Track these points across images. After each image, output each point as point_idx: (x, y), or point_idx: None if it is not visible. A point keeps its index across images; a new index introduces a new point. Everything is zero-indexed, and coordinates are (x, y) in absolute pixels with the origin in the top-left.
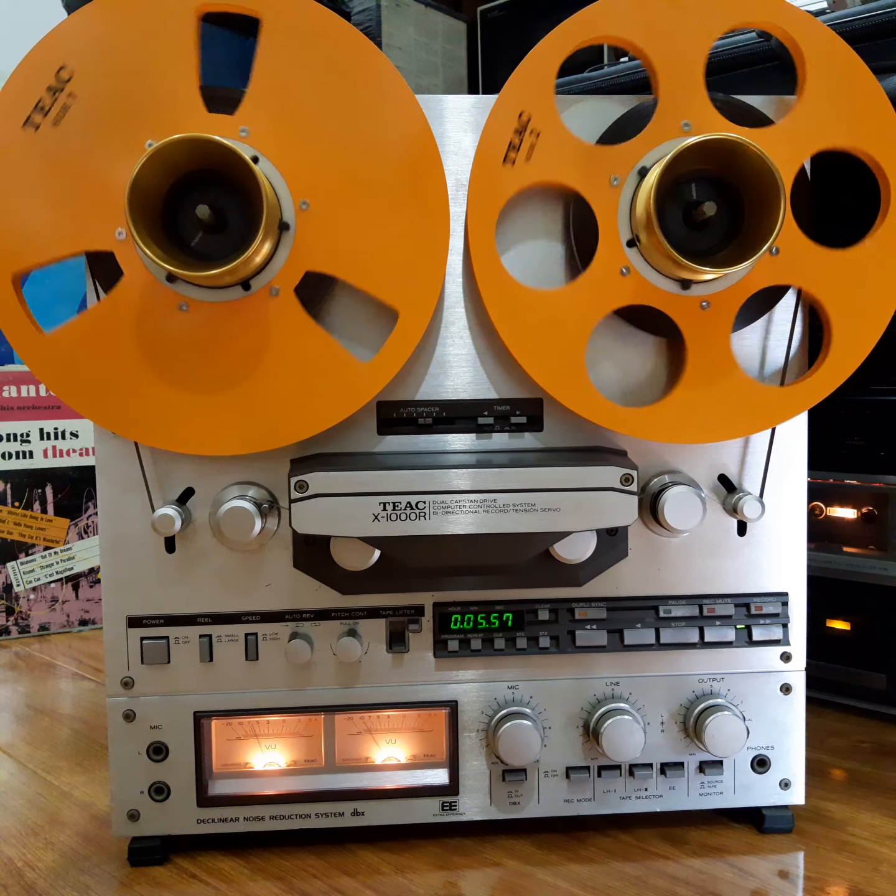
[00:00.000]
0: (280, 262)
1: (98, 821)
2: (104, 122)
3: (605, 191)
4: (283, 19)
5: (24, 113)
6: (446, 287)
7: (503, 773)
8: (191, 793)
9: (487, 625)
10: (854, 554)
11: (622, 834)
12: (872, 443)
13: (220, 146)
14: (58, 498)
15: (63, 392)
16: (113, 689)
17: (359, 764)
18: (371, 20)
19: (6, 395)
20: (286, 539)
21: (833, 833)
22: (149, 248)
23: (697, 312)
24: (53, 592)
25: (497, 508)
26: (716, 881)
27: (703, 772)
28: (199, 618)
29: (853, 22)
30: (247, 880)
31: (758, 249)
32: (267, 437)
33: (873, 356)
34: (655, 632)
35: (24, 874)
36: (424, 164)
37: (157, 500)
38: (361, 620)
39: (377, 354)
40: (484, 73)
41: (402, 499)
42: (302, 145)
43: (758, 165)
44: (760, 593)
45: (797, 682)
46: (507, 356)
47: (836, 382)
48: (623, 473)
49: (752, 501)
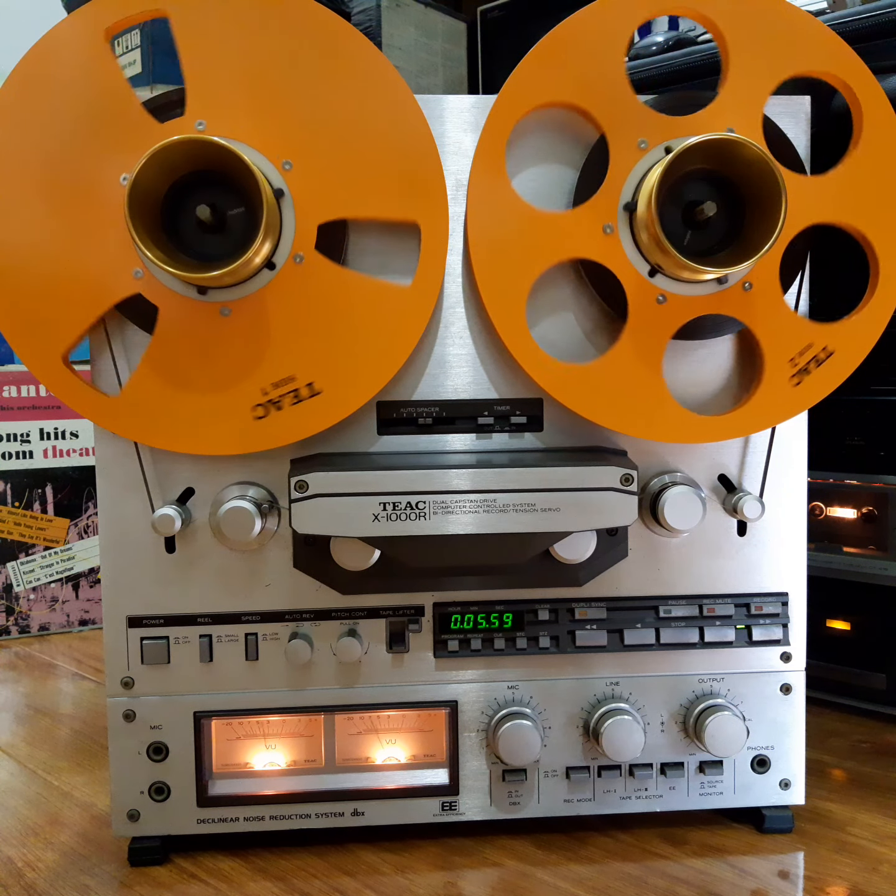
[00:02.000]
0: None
1: (98, 821)
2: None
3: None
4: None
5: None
6: (446, 287)
7: (503, 773)
8: (191, 793)
9: (487, 625)
10: (854, 554)
11: (622, 834)
12: (872, 443)
13: (217, 147)
14: (58, 498)
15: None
16: (113, 689)
17: (359, 764)
18: (371, 20)
19: (6, 395)
20: (286, 539)
21: (833, 833)
22: (150, 252)
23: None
24: (53, 592)
25: (497, 508)
26: (716, 881)
27: (703, 772)
28: (199, 618)
29: (853, 22)
30: (247, 880)
31: (758, 250)
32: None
33: (873, 356)
34: (655, 632)
35: (24, 874)
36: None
37: (157, 500)
38: (361, 620)
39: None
40: (484, 73)
41: (402, 499)
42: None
43: (759, 166)
44: (760, 593)
45: (797, 682)
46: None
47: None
48: (623, 473)
49: (752, 501)
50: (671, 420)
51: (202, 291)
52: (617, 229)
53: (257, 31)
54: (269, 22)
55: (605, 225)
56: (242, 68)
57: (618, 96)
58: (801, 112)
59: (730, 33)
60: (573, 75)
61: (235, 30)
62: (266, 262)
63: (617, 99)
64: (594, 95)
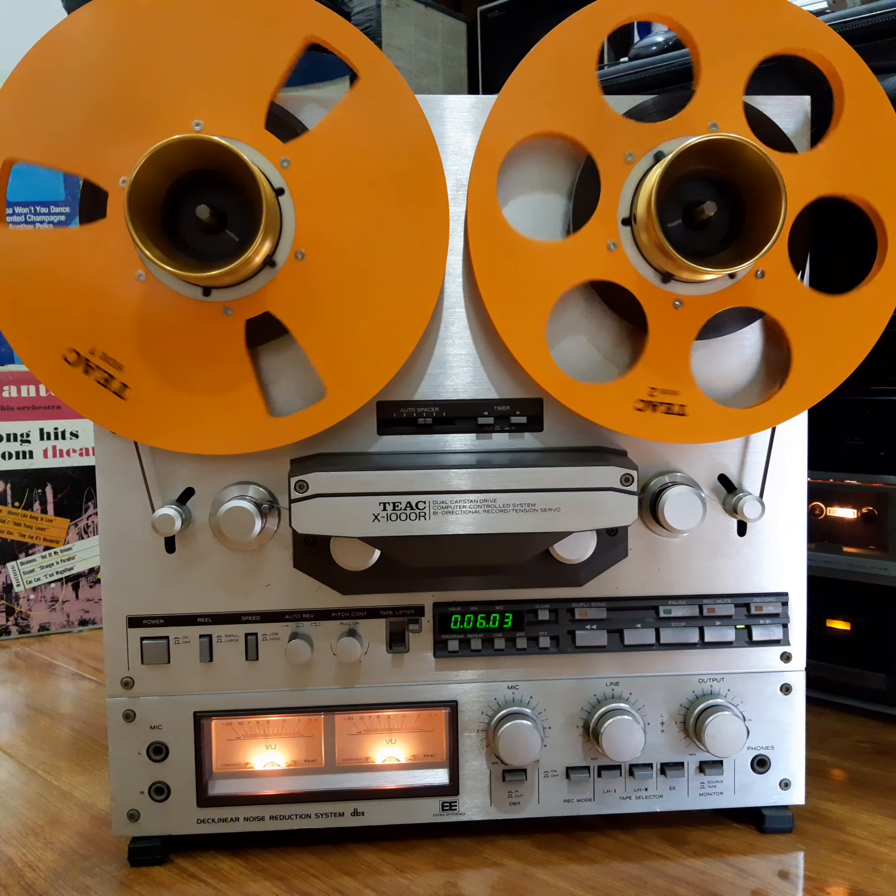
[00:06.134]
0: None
1: (98, 821)
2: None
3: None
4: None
5: None
6: (446, 287)
7: (503, 773)
8: (191, 793)
9: (487, 625)
10: (854, 554)
11: (622, 834)
12: (872, 443)
13: (217, 146)
14: (58, 498)
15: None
16: (113, 689)
17: (359, 764)
18: (371, 20)
19: (6, 395)
20: (286, 539)
21: (833, 833)
22: (150, 252)
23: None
24: (53, 592)
25: (497, 508)
26: (716, 881)
27: (703, 772)
28: (199, 618)
29: (853, 22)
30: (247, 880)
31: (758, 251)
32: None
33: (873, 356)
34: (655, 632)
35: (24, 874)
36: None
37: (157, 500)
38: (361, 620)
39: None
40: (484, 73)
41: (402, 499)
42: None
43: (758, 166)
44: (760, 593)
45: (797, 682)
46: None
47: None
48: (623, 473)
49: (752, 501)
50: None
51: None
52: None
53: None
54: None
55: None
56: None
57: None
58: (801, 112)
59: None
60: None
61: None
62: (266, 260)
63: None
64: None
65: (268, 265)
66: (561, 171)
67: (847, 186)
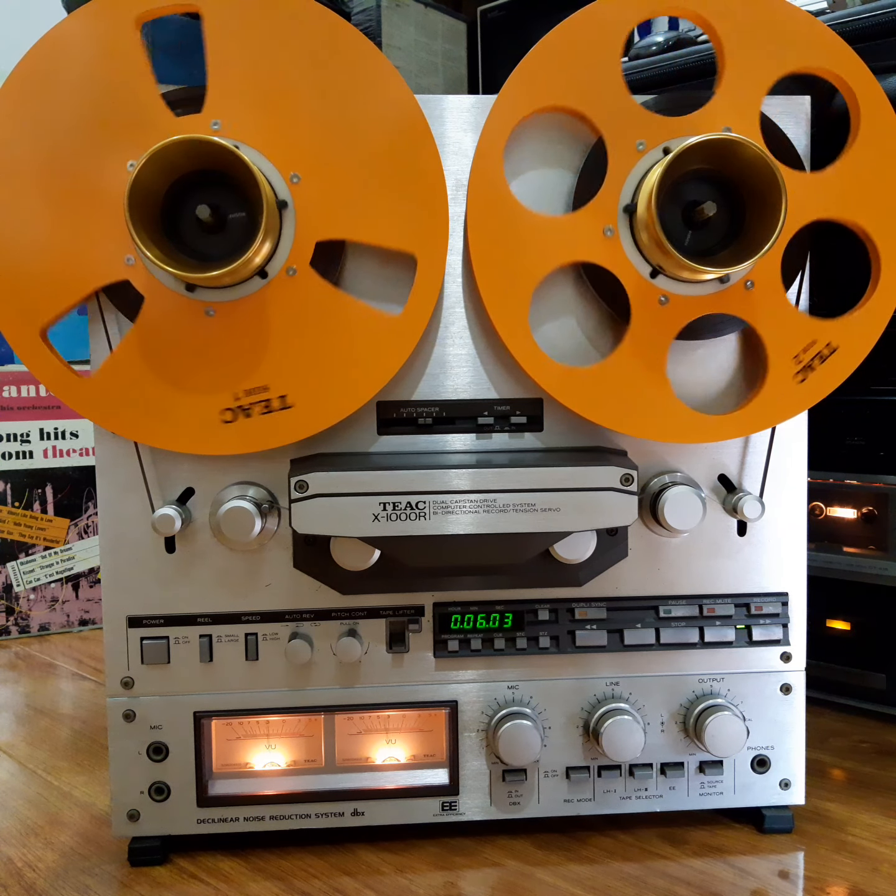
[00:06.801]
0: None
1: (98, 821)
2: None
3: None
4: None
5: None
6: (446, 287)
7: (503, 773)
8: (191, 793)
9: (487, 625)
10: (854, 554)
11: (622, 834)
12: (872, 443)
13: (217, 146)
14: (58, 498)
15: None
16: (113, 689)
17: (359, 764)
18: (371, 20)
19: (6, 395)
20: (286, 539)
21: (833, 833)
22: (149, 251)
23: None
24: (53, 592)
25: (497, 508)
26: (716, 881)
27: (703, 772)
28: (199, 618)
29: (853, 22)
30: (247, 880)
31: (759, 249)
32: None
33: (873, 356)
34: (655, 632)
35: (24, 874)
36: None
37: (157, 500)
38: (361, 620)
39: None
40: (484, 73)
41: (402, 499)
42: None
43: (758, 165)
44: (760, 593)
45: (797, 682)
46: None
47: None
48: (623, 473)
49: (752, 501)
50: (677, 420)
51: (190, 288)
52: (617, 231)
53: (284, 39)
54: (294, 31)
55: (606, 227)
56: (265, 75)
57: (615, 98)
58: (801, 112)
59: (724, 32)
60: (570, 79)
61: (263, 36)
62: (265, 263)
63: (614, 101)
64: (591, 98)
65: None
66: (571, 150)
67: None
